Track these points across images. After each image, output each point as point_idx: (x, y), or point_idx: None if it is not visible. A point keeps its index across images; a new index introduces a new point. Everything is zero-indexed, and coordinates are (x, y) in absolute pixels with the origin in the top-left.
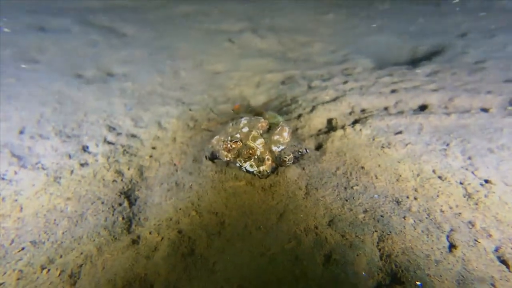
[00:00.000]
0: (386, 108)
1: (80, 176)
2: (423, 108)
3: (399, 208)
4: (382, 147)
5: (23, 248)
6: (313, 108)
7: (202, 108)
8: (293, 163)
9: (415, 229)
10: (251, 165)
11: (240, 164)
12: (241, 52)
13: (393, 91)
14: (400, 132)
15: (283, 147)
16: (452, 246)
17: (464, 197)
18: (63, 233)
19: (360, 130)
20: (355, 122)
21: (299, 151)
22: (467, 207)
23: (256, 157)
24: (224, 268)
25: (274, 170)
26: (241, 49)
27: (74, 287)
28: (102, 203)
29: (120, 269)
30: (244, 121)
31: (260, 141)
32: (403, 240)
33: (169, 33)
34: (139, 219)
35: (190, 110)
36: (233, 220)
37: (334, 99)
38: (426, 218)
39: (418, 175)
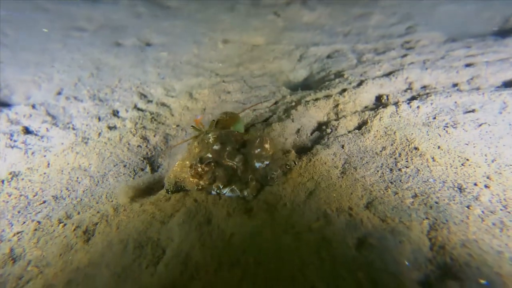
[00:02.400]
0: (455, 85)
1: (106, 138)
2: (509, 84)
3: (462, 195)
4: (446, 126)
5: (44, 201)
6: (361, 83)
7: (236, 80)
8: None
9: (484, 220)
10: (232, 190)
11: (218, 190)
12: (285, 25)
13: (468, 65)
14: (472, 111)
15: (267, 162)
16: None
17: None
18: (83, 191)
19: (418, 107)
20: (413, 99)
21: (287, 165)
22: None
23: (237, 179)
24: (242, 241)
25: (260, 191)
26: (285, 22)
27: (87, 244)
28: (125, 166)
29: (133, 231)
30: (212, 136)
31: (239, 157)
32: (464, 231)
33: (213, 5)
34: (159, 185)
35: (223, 82)
36: None
37: (388, 74)
38: (501, 210)
39: (493, 160)
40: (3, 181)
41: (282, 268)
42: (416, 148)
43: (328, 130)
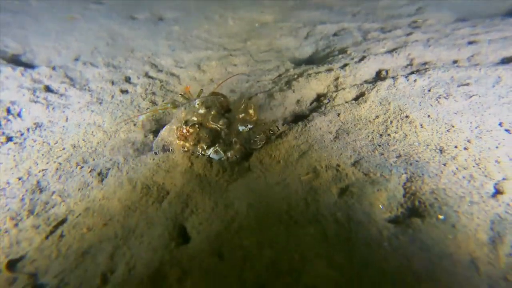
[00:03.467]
0: (455, 61)
1: (118, 100)
2: (507, 61)
3: (441, 156)
4: (438, 97)
5: (64, 148)
6: (362, 58)
7: (243, 54)
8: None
9: (455, 174)
10: (216, 151)
11: (203, 152)
12: (295, 4)
13: (471, 43)
14: (466, 84)
15: (251, 126)
16: (498, 193)
17: None
18: (97, 142)
19: (415, 80)
20: (412, 74)
21: (271, 130)
22: None
23: (221, 141)
24: (237, 189)
25: (244, 156)
26: (295, 1)
27: (101, 183)
28: (134, 125)
29: (141, 176)
30: (198, 101)
31: (223, 121)
32: (436, 182)
33: None
34: None
35: (230, 55)
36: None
37: (391, 51)
38: (474, 166)
39: (477, 127)
40: (28, 129)
41: (271, 210)
42: (407, 116)
43: (326, 101)
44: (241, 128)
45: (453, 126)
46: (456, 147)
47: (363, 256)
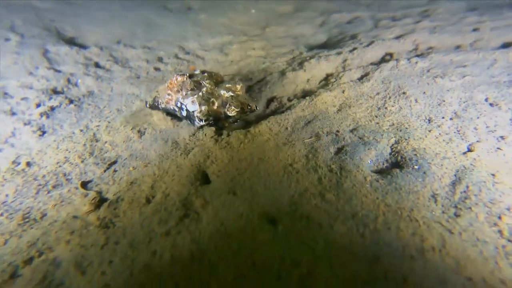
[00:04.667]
0: (458, 47)
1: (152, 76)
2: (507, 45)
3: (428, 124)
4: (435, 77)
5: (110, 111)
6: (371, 43)
7: (261, 40)
8: (238, 120)
9: (436, 138)
10: (192, 102)
11: (181, 103)
12: None
13: (475, 30)
14: (463, 66)
15: (232, 94)
16: (469, 151)
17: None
18: (136, 108)
19: (416, 62)
20: (415, 56)
21: (249, 105)
22: (507, 128)
23: (200, 94)
24: (249, 147)
25: (217, 122)
26: None
27: (140, 138)
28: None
29: (171, 136)
30: (198, 71)
31: (209, 81)
32: (418, 143)
33: None
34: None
35: (250, 40)
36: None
37: (398, 37)
38: (455, 132)
39: (465, 101)
40: (83, 95)
41: (278, 163)
42: (404, 93)
43: (333, 80)
44: (222, 91)
45: (444, 101)
46: (443, 117)
47: (349, 193)
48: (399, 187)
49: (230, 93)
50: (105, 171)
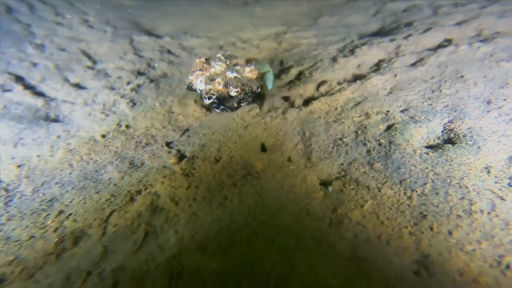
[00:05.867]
0: None
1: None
2: None
3: (487, 106)
4: (499, 61)
5: (181, 90)
6: (427, 29)
7: (313, 29)
8: (242, 100)
9: (496, 118)
10: (200, 81)
11: (195, 82)
12: None
13: None
14: None
15: (237, 76)
16: None
17: None
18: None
19: (479, 47)
20: (477, 42)
21: (251, 87)
22: None
23: (207, 74)
24: (298, 123)
25: (223, 101)
26: None
27: (209, 113)
28: None
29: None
30: (219, 54)
31: (220, 63)
32: (474, 123)
33: None
34: None
35: (303, 30)
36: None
37: (459, 22)
38: None
39: None
40: (160, 76)
41: (328, 137)
42: (462, 76)
43: (385, 65)
44: (228, 72)
45: (507, 84)
46: (505, 99)
47: (398, 163)
48: (450, 159)
49: (235, 74)
50: (181, 135)
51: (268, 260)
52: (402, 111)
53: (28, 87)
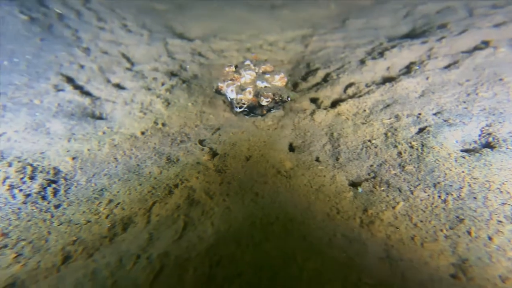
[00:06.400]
0: None
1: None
2: None
3: None
4: None
5: (211, 90)
6: (463, 31)
7: (340, 32)
8: (272, 108)
9: None
10: (231, 91)
11: (226, 90)
12: None
13: None
14: None
15: (267, 85)
16: None
17: None
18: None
19: None
20: None
21: (281, 96)
22: None
23: (238, 83)
24: (326, 124)
25: (253, 109)
26: None
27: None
28: None
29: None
30: (248, 61)
31: (250, 72)
32: None
33: None
34: None
35: (330, 32)
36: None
37: (498, 24)
38: None
39: None
40: (191, 78)
41: (356, 139)
42: (501, 79)
43: (416, 67)
44: (258, 82)
45: None
46: None
47: (431, 166)
48: (489, 163)
49: (265, 84)
50: (212, 134)
51: (300, 256)
52: (434, 114)
53: (77, 87)
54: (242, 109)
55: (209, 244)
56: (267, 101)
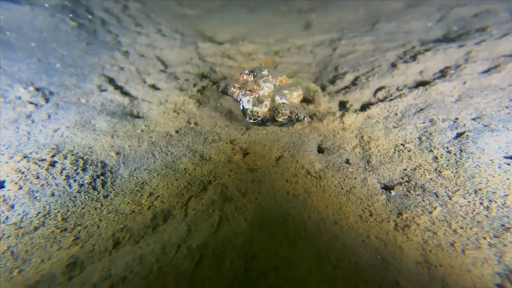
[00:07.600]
0: None
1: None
2: None
3: None
4: None
5: None
6: (505, 35)
7: (370, 35)
8: (285, 124)
9: None
10: (248, 101)
11: (240, 98)
12: None
13: None
14: None
15: (285, 102)
16: None
17: None
18: None
19: None
20: None
21: (297, 115)
22: None
23: (257, 95)
24: (356, 127)
25: (266, 122)
26: None
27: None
28: None
29: None
30: (266, 71)
31: (269, 85)
32: None
33: None
34: None
35: (358, 36)
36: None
37: None
38: None
39: None
40: (220, 79)
41: (388, 142)
42: None
43: (452, 71)
44: (277, 97)
45: None
46: None
47: (471, 172)
48: None
49: (284, 100)
50: (242, 134)
51: (333, 255)
52: (473, 119)
53: (118, 87)
54: (255, 121)
55: (244, 239)
56: (284, 118)
